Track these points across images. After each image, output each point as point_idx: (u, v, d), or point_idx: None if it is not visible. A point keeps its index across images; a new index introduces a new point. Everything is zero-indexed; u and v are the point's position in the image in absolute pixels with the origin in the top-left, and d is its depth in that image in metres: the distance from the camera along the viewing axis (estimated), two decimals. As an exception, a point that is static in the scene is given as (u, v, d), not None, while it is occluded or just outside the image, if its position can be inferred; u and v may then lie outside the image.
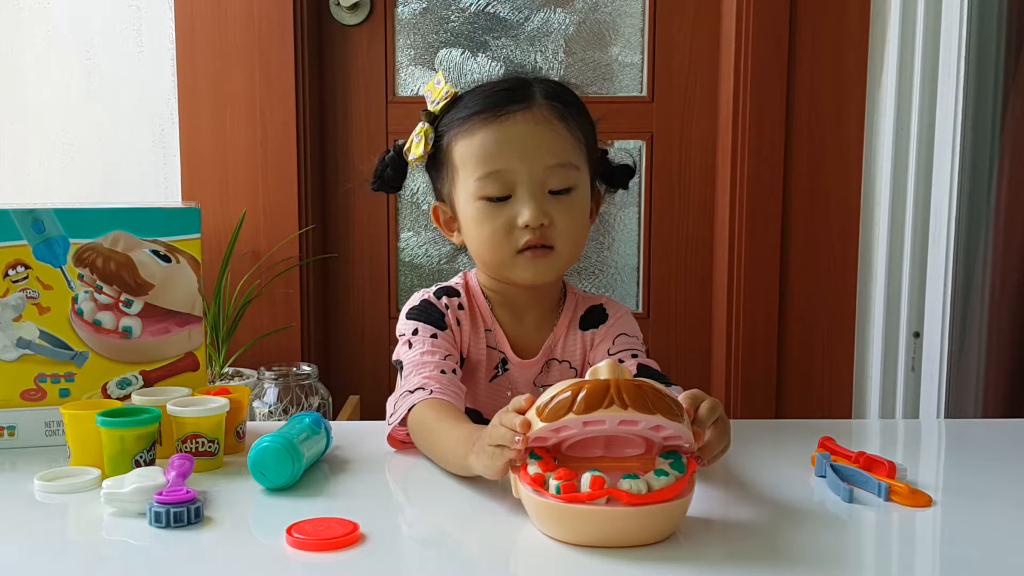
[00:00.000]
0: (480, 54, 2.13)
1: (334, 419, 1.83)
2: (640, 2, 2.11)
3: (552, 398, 0.84)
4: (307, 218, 2.03)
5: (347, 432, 1.17)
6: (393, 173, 1.20)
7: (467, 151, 1.13)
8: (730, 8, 2.02)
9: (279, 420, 1.74)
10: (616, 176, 1.23)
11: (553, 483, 0.82)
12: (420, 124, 1.18)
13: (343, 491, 1.00)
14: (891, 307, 1.95)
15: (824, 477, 0.98)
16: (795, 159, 2.01)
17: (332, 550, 0.81)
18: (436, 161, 1.18)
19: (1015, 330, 1.72)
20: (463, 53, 2.13)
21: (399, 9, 2.12)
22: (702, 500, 0.94)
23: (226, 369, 1.91)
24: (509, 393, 1.18)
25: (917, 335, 1.91)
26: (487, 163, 1.11)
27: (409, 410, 1.06)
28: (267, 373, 1.84)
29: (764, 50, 1.98)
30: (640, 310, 2.17)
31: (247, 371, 1.90)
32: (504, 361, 1.18)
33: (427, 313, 1.16)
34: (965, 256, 1.77)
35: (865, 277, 2.02)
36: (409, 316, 1.17)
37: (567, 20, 2.13)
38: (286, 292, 2.02)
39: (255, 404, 1.81)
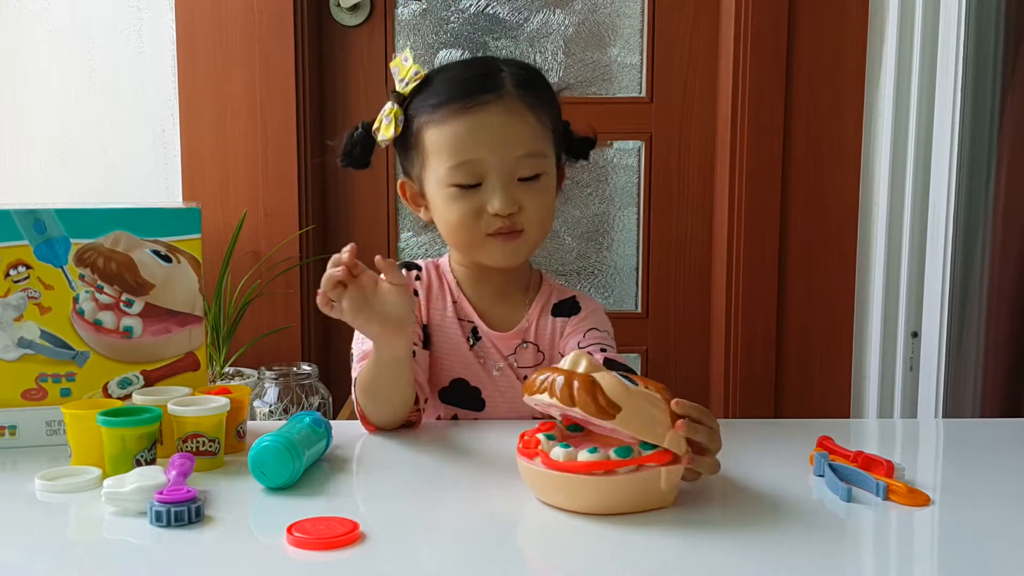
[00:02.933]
0: (480, 55, 2.13)
1: (334, 419, 1.83)
2: (639, 3, 2.12)
3: (537, 376, 0.92)
4: (307, 218, 2.04)
5: (347, 432, 1.17)
6: (361, 151, 1.23)
7: (438, 140, 1.15)
8: (729, 8, 2.02)
9: (279, 420, 1.75)
10: (580, 147, 1.26)
11: (524, 439, 0.93)
12: (389, 105, 1.19)
13: (343, 491, 1.00)
14: (889, 307, 1.95)
15: (822, 476, 0.98)
16: (794, 159, 2.01)
17: (332, 549, 0.81)
18: (405, 143, 1.20)
19: (1013, 330, 1.72)
20: (463, 54, 2.13)
21: (399, 10, 2.12)
22: (701, 499, 0.95)
23: (227, 369, 1.91)
24: (481, 362, 1.22)
25: (915, 335, 1.91)
26: (459, 153, 1.14)
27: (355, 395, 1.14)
28: (267, 373, 1.84)
29: (763, 50, 1.98)
30: (639, 310, 2.18)
31: (248, 371, 1.91)
32: (475, 331, 1.22)
33: None
34: (963, 255, 1.78)
35: (863, 277, 2.03)
36: None
37: (566, 21, 2.13)
38: (286, 292, 2.02)
39: (255, 404, 1.81)
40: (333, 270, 1.02)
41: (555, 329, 1.23)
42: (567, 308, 1.24)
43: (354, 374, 1.17)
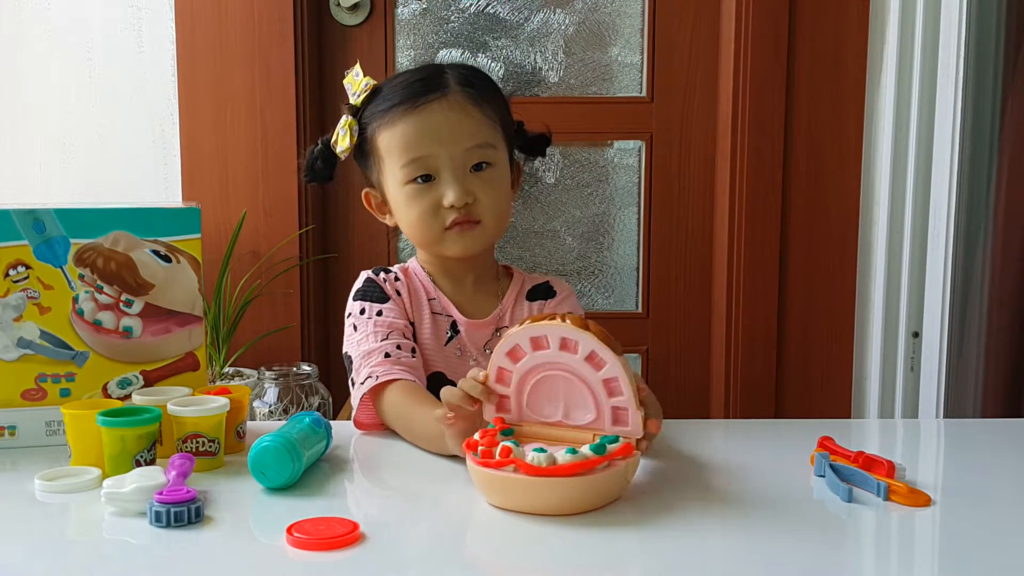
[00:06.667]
0: (480, 55, 2.13)
1: (334, 419, 1.83)
2: (640, 2, 2.11)
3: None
4: (307, 218, 2.03)
5: (347, 432, 1.17)
6: (323, 165, 1.30)
7: (390, 141, 1.21)
8: (730, 8, 2.02)
9: (279, 420, 1.75)
10: (535, 144, 1.31)
11: (479, 448, 0.92)
12: (344, 117, 1.26)
13: (343, 491, 1.00)
14: (890, 307, 1.95)
15: (823, 477, 0.98)
16: (794, 159, 2.01)
17: (332, 550, 0.81)
18: (363, 151, 1.26)
19: (1014, 330, 1.72)
20: (463, 54, 2.13)
21: (399, 10, 2.12)
22: (702, 499, 0.95)
23: (226, 369, 1.91)
24: (459, 353, 1.24)
25: (916, 335, 1.91)
26: (410, 151, 1.19)
27: (361, 398, 1.15)
28: (267, 373, 1.84)
29: (764, 50, 1.98)
30: (640, 310, 2.18)
31: (247, 371, 1.91)
32: (454, 324, 1.24)
33: (370, 291, 1.24)
34: (964, 256, 1.77)
35: (864, 277, 2.02)
36: (355, 298, 1.25)
37: (567, 20, 2.13)
38: (286, 292, 2.02)
39: (255, 404, 1.81)
40: (472, 393, 0.99)
41: (531, 313, 1.26)
42: (542, 292, 1.29)
43: (359, 377, 1.17)
